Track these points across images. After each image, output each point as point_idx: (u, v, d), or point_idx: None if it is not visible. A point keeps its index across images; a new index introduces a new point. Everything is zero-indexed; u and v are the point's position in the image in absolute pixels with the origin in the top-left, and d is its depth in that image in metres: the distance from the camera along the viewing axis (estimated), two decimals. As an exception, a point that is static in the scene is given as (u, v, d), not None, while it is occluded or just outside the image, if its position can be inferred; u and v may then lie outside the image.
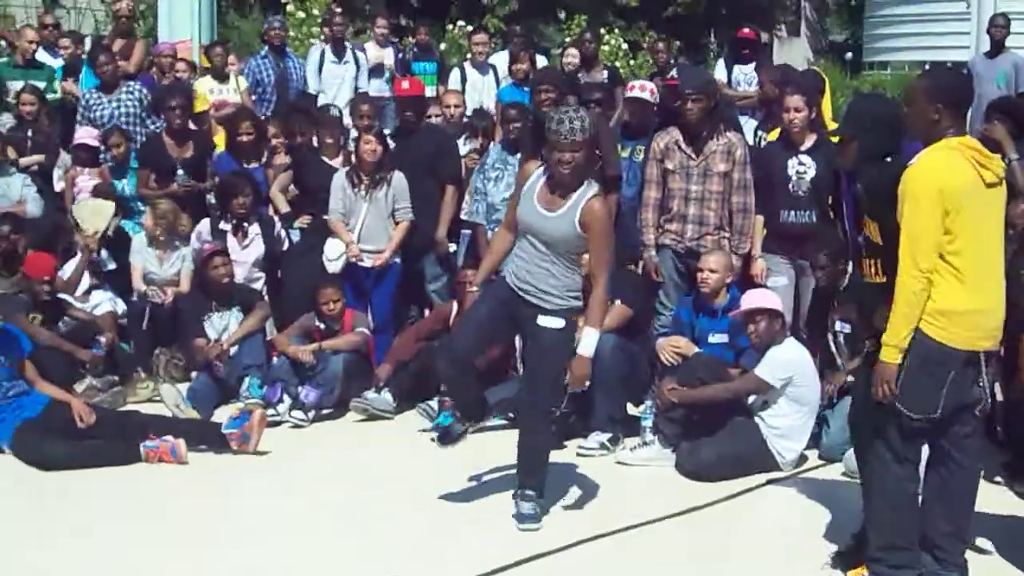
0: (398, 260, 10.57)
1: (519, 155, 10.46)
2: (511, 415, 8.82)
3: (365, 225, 10.44)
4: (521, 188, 7.34)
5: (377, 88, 14.44)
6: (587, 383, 7.32)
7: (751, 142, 11.03)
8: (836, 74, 29.14)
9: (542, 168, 7.30)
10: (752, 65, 13.04)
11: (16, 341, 9.01)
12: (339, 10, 16.32)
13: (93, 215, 11.36)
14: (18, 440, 8.61)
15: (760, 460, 8.26)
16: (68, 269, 10.81)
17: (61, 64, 13.92)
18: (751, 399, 8.46)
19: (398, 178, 10.45)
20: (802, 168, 9.75)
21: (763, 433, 8.26)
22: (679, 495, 7.91)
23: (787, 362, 8.25)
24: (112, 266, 11.42)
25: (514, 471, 7.57)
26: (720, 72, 13.29)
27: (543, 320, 7.20)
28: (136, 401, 9.88)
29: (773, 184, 9.84)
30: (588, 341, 7.19)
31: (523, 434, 7.49)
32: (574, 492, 7.99)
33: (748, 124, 12.06)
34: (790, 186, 9.76)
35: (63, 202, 11.96)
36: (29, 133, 12.43)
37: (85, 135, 12.24)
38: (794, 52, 39.71)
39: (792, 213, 9.75)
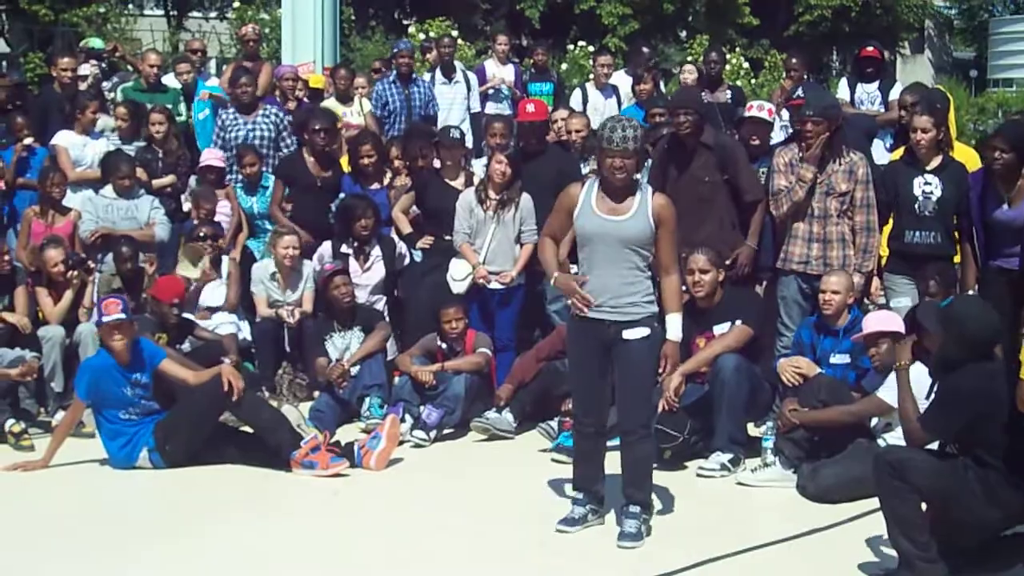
0: (522, 281, 10.61)
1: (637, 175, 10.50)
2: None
3: (492, 246, 10.50)
4: (566, 209, 7.47)
5: (494, 110, 14.51)
6: (679, 374, 7.31)
7: (883, 161, 10.95)
8: (960, 92, 28.84)
9: (587, 184, 7.49)
10: (876, 84, 12.91)
11: (151, 354, 9.23)
12: (455, 33, 16.45)
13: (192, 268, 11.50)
14: (164, 432, 8.92)
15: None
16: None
17: (176, 89, 14.12)
18: (873, 421, 8.38)
19: (526, 199, 10.50)
20: (928, 188, 9.67)
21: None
22: (800, 517, 7.84)
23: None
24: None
25: (634, 492, 7.55)
26: (843, 91, 13.18)
27: (628, 333, 7.27)
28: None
29: (898, 204, 9.76)
30: (674, 326, 7.37)
31: (625, 448, 7.49)
32: (695, 512, 7.96)
33: (876, 143, 11.96)
34: (916, 206, 9.67)
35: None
36: (159, 154, 12.62)
37: (211, 156, 12.43)
38: (918, 70, 39.34)
39: (917, 233, 9.66)
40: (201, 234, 11.39)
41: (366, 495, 8.46)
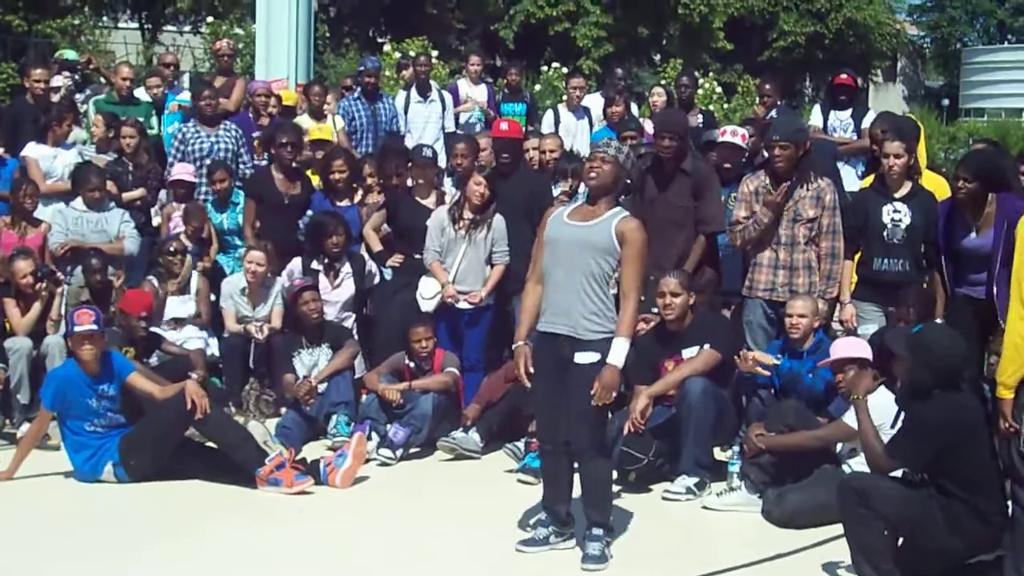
0: (491, 302, 10.61)
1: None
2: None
3: (462, 266, 10.51)
4: (543, 233, 7.53)
5: (471, 125, 14.54)
6: (614, 394, 7.23)
7: (854, 189, 10.99)
8: (932, 121, 28.98)
9: (567, 204, 7.56)
10: (848, 111, 12.97)
11: (120, 367, 9.23)
12: (435, 53, 16.46)
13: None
14: (129, 446, 8.89)
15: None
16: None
17: (146, 101, 14.09)
18: (839, 447, 8.40)
19: (498, 221, 10.51)
20: (897, 215, 9.71)
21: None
22: (764, 542, 7.84)
23: (877, 409, 8.16)
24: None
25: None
26: (816, 117, 13.23)
27: (580, 357, 7.25)
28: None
29: (867, 231, 9.80)
30: (617, 351, 7.20)
31: (582, 472, 7.47)
32: (659, 536, 7.97)
33: (845, 170, 12.01)
34: (884, 233, 9.71)
35: (160, 238, 12.11)
36: (130, 167, 12.59)
37: (182, 171, 12.40)
38: (890, 98, 39.54)
39: (886, 261, 9.70)
40: (171, 249, 11.36)
41: (330, 512, 8.46)
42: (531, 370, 7.31)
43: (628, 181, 7.52)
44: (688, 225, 10.10)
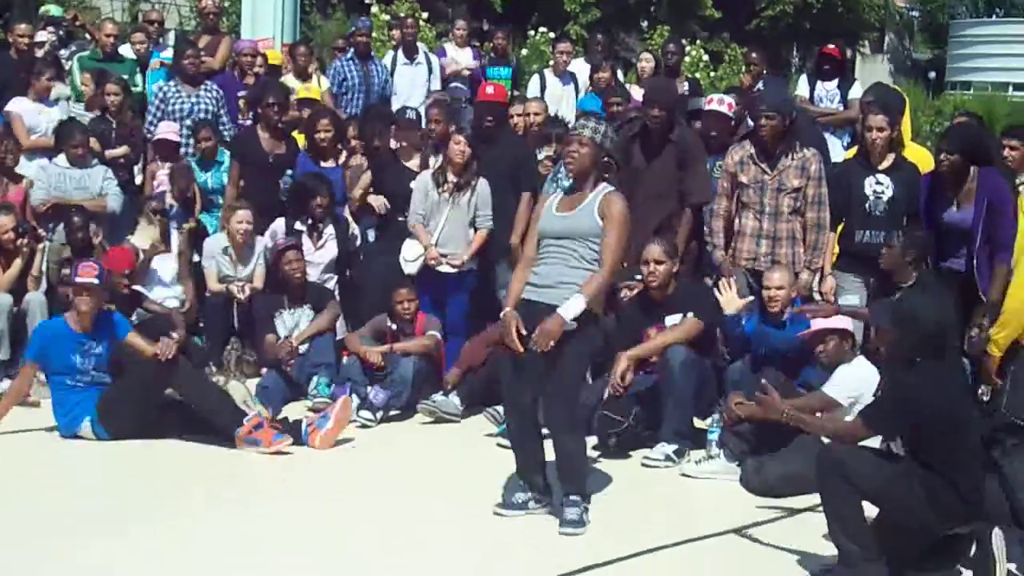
0: (474, 267, 10.61)
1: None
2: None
3: (445, 229, 10.51)
4: (537, 220, 7.58)
5: (456, 92, 14.49)
6: (550, 344, 7.16)
7: (839, 160, 10.99)
8: (918, 94, 28.95)
9: (555, 193, 7.62)
10: (835, 82, 12.97)
11: (119, 326, 9.26)
12: (425, 15, 16.37)
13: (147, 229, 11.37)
14: (106, 404, 8.90)
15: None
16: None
17: (130, 58, 14.02)
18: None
19: (482, 185, 10.51)
20: (880, 188, 9.71)
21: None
22: (742, 510, 7.87)
23: (856, 380, 8.19)
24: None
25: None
26: (803, 88, 13.23)
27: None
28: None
29: (849, 203, 9.81)
30: (571, 304, 7.16)
31: (555, 439, 7.47)
32: (638, 502, 8.00)
33: (831, 141, 12.01)
34: (866, 205, 9.72)
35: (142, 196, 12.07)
36: (113, 125, 12.54)
37: (167, 130, 12.34)
38: (877, 69, 39.49)
39: (867, 233, 9.70)
40: (152, 208, 11.32)
41: (309, 474, 8.48)
42: (523, 332, 7.26)
43: (607, 159, 7.51)
44: (672, 195, 10.10)
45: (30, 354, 9.11)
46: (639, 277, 9.35)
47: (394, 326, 10.15)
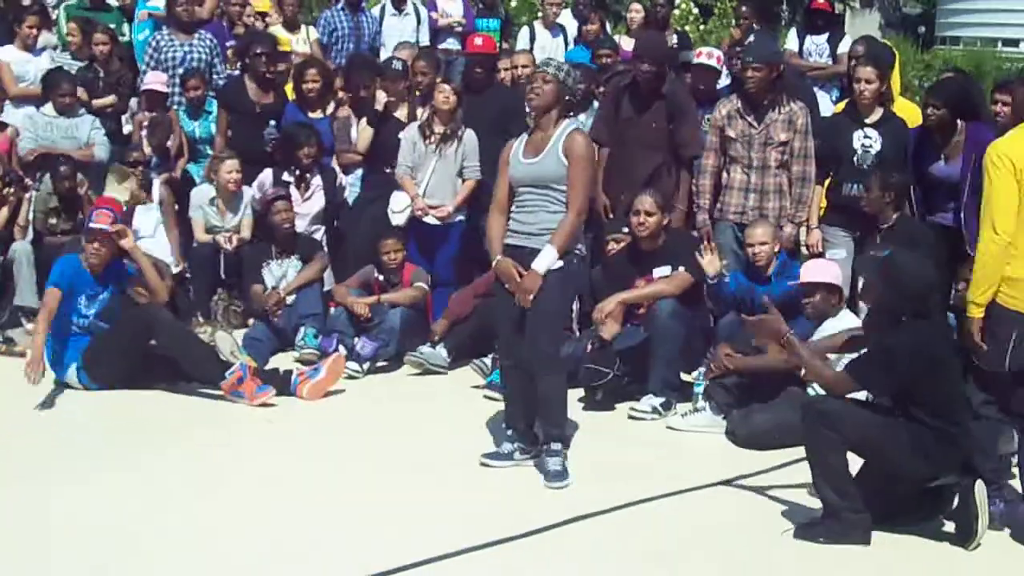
0: (462, 218, 10.60)
1: (582, 115, 10.53)
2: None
3: (432, 180, 10.49)
4: (504, 164, 7.56)
5: (447, 44, 14.43)
6: (529, 299, 7.21)
7: (827, 114, 10.97)
8: (908, 48, 28.90)
9: (519, 137, 7.59)
10: (825, 36, 12.92)
11: (124, 276, 9.33)
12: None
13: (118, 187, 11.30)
14: (92, 353, 8.93)
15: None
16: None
17: (116, 7, 13.95)
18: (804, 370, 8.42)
19: (469, 136, 10.48)
20: (867, 141, 9.70)
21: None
22: (728, 463, 7.90)
23: (843, 333, 8.19)
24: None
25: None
26: (792, 42, 13.18)
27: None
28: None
29: (837, 156, 9.80)
30: (543, 257, 7.19)
31: (537, 378, 7.44)
32: (624, 454, 8.03)
33: (821, 95, 11.98)
34: (855, 159, 9.71)
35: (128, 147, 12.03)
36: (100, 74, 12.49)
37: (154, 80, 12.25)
38: (867, 24, 39.41)
39: (855, 186, 9.67)
40: (132, 158, 11.28)
41: (296, 423, 8.51)
42: (522, 272, 7.27)
43: (571, 98, 7.48)
44: (662, 147, 10.07)
45: (54, 277, 8.94)
46: (627, 229, 9.35)
47: (381, 277, 10.15)
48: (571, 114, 7.54)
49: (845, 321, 8.30)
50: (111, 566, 6.08)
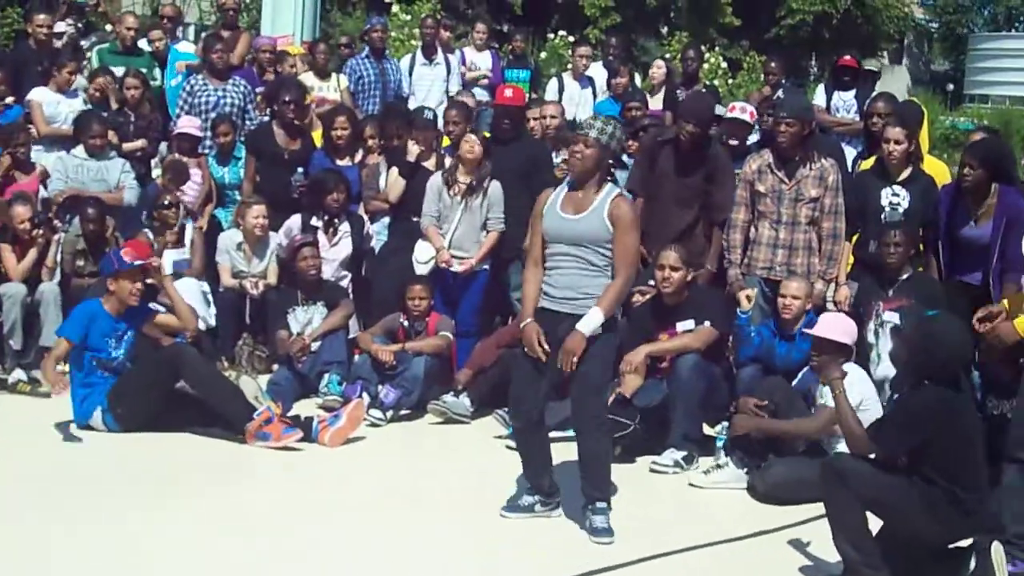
0: (486, 267, 10.62)
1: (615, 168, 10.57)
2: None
3: (458, 232, 10.52)
4: (539, 217, 7.47)
5: (476, 95, 14.52)
6: (574, 362, 7.15)
7: (850, 169, 10.98)
8: (936, 105, 28.94)
9: (558, 188, 7.49)
10: (852, 92, 12.97)
11: (144, 310, 9.38)
12: (442, 15, 16.36)
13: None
14: (117, 394, 8.94)
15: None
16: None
17: (148, 52, 14.06)
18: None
19: (495, 187, 10.51)
20: (896, 199, 9.71)
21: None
22: (749, 518, 7.87)
23: (853, 388, 8.11)
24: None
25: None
26: (820, 97, 13.23)
27: (582, 325, 7.21)
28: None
29: (865, 213, 9.80)
30: (589, 319, 7.14)
31: (582, 445, 7.45)
32: (645, 508, 7.99)
33: (848, 151, 12.00)
34: (882, 216, 9.71)
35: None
36: (132, 118, 12.58)
37: (188, 124, 12.36)
38: (895, 81, 39.47)
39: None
40: (165, 202, 11.34)
41: (317, 470, 8.49)
42: (546, 346, 7.25)
43: (612, 161, 7.46)
44: (694, 206, 10.07)
45: (73, 335, 9.02)
46: (653, 283, 9.36)
47: (406, 323, 10.16)
48: (611, 176, 7.50)
49: (853, 374, 8.22)
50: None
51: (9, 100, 12.35)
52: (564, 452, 7.84)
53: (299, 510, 7.63)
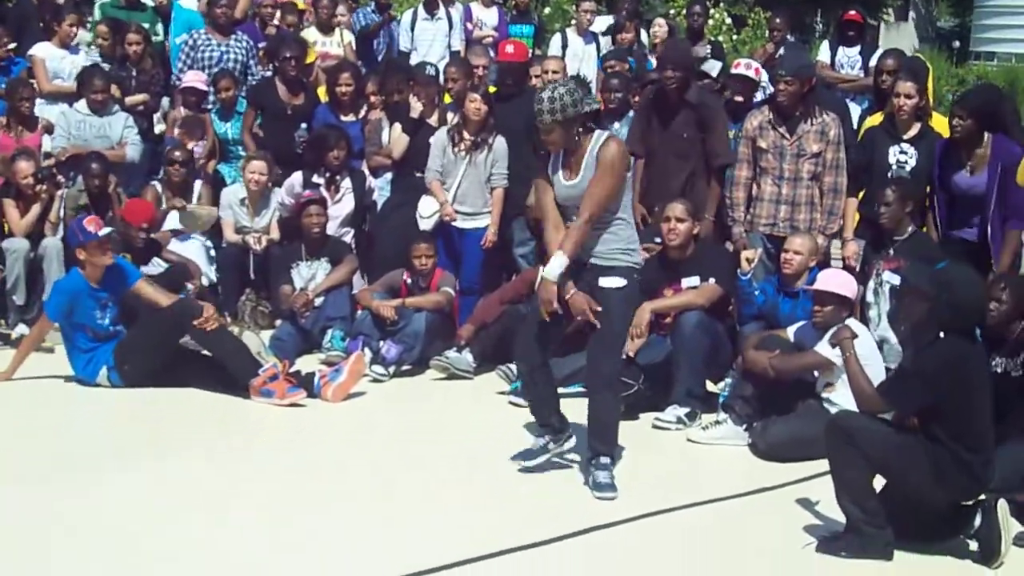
0: (489, 223, 10.61)
1: (616, 124, 10.52)
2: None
3: (462, 187, 10.50)
4: (542, 186, 7.47)
5: (481, 51, 14.45)
6: (553, 306, 7.18)
7: (856, 126, 10.93)
8: (941, 63, 28.80)
9: (553, 155, 7.46)
10: (857, 48, 12.90)
11: (128, 273, 9.33)
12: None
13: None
14: (123, 352, 8.98)
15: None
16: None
17: (151, 7, 14.01)
18: (818, 382, 8.37)
19: (499, 143, 10.49)
20: (903, 157, 9.67)
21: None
22: (751, 475, 7.87)
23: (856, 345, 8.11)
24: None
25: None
26: (824, 53, 13.17)
27: (604, 281, 7.23)
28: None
29: (872, 170, 9.76)
30: (553, 264, 7.14)
31: (592, 400, 7.47)
32: (647, 464, 7.99)
33: (853, 108, 11.95)
34: (889, 174, 9.66)
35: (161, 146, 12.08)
36: (134, 73, 12.54)
37: (194, 78, 12.34)
38: (901, 37, 39.27)
39: (888, 202, 9.63)
40: (176, 157, 11.33)
41: (320, 426, 8.51)
42: (598, 308, 7.23)
43: (582, 114, 7.28)
44: (692, 156, 10.04)
45: (52, 316, 9.11)
46: (658, 239, 9.34)
47: (408, 280, 10.15)
48: (592, 126, 7.43)
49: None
50: (113, 561, 6.11)
51: (11, 46, 12.31)
52: (568, 410, 7.82)
53: (297, 462, 7.67)
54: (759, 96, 11.32)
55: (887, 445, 6.50)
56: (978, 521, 6.57)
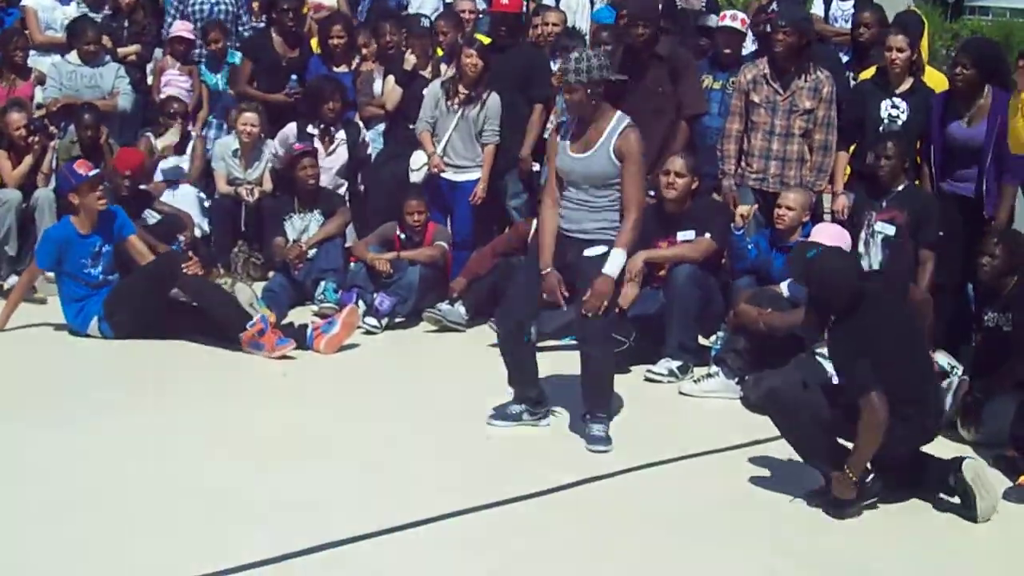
0: (479, 176, 10.57)
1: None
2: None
3: (451, 140, 10.47)
4: (554, 154, 7.48)
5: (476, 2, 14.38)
6: (603, 306, 7.21)
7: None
8: (936, 17, 28.71)
9: (563, 126, 7.49)
10: (850, 2, 12.83)
11: (121, 224, 9.34)
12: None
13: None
14: (113, 302, 8.99)
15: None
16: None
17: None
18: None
19: (492, 99, 10.45)
20: (895, 111, 9.63)
21: (828, 369, 8.16)
22: (743, 428, 7.89)
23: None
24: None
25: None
26: (818, 7, 13.10)
27: (589, 251, 7.25)
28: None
29: (864, 124, 9.73)
30: (613, 262, 7.18)
31: (585, 363, 7.49)
32: (639, 417, 8.01)
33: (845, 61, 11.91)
34: (880, 128, 9.63)
35: (152, 95, 12.03)
36: (125, 24, 12.48)
37: (182, 28, 12.25)
38: (896, -9, 38.99)
39: (879, 156, 9.61)
40: (171, 110, 11.30)
41: (312, 378, 8.53)
42: (566, 293, 7.31)
43: (606, 82, 7.32)
44: (668, 110, 9.90)
45: (42, 263, 9.15)
46: (652, 193, 9.32)
47: (403, 235, 10.14)
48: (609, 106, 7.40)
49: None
50: (80, 504, 6.16)
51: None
52: (562, 363, 7.83)
53: (286, 412, 7.72)
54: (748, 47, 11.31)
55: (822, 409, 6.56)
56: (952, 480, 6.62)
